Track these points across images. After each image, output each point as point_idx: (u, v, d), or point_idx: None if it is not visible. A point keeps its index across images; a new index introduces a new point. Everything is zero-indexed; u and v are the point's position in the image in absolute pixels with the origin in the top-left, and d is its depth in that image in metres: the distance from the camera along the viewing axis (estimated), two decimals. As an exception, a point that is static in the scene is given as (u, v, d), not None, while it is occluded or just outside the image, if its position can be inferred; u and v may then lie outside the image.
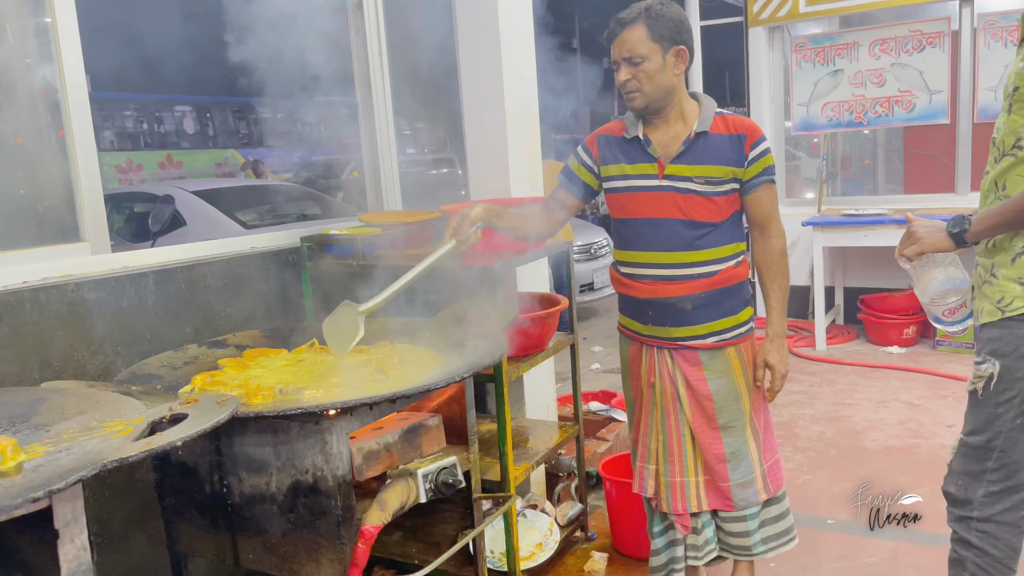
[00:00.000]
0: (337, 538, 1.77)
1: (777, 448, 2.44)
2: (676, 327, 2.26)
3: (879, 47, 5.88)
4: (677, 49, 2.14)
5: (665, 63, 2.14)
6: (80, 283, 2.25)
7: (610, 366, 6.03)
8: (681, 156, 2.19)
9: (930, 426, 4.14)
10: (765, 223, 2.27)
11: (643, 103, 2.17)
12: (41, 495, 1.12)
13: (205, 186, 7.57)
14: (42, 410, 1.57)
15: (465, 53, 3.23)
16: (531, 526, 2.95)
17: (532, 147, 3.32)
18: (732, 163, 2.19)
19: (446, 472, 1.90)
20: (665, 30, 2.12)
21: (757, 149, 2.19)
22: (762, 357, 2.30)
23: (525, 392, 3.31)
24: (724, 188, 2.20)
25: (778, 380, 2.29)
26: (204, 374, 1.96)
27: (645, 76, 2.13)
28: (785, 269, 2.31)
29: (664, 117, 2.22)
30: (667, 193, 2.21)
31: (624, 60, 2.15)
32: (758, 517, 2.36)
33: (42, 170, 2.57)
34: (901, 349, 5.54)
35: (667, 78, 2.15)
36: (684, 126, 2.21)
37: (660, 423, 2.34)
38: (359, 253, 2.73)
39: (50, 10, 2.47)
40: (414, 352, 2.19)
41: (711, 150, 2.18)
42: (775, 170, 2.26)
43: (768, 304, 2.31)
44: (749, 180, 2.21)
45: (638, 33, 2.12)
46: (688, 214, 2.20)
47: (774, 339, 2.29)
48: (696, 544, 2.36)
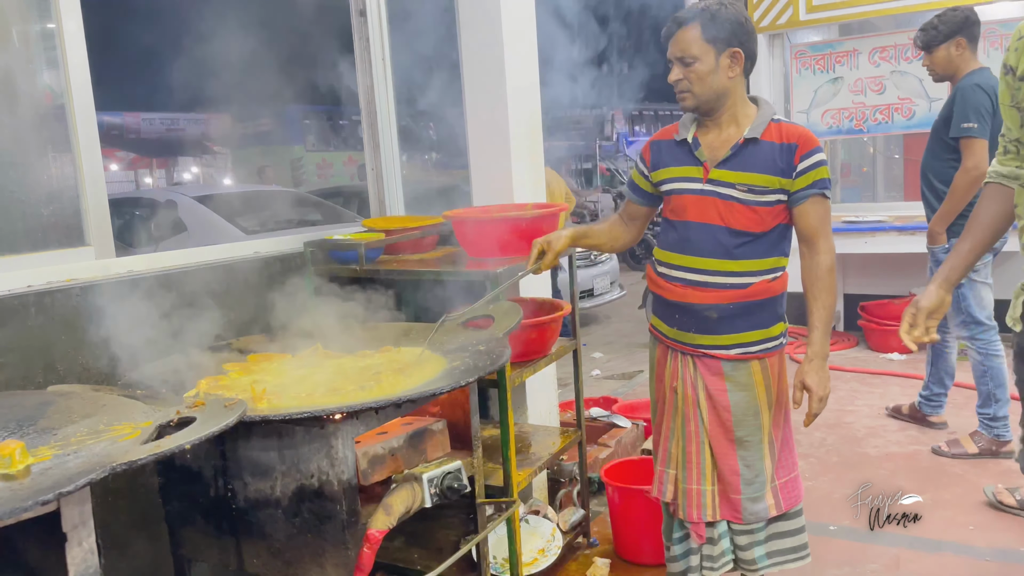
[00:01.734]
0: (342, 543, 1.77)
1: (796, 465, 2.38)
2: (700, 334, 2.23)
3: (879, 55, 5.90)
4: (732, 51, 2.11)
5: (718, 65, 2.11)
6: (85, 287, 2.25)
7: (610, 372, 6.03)
8: (727, 161, 2.16)
9: (932, 433, 4.14)
10: (812, 238, 2.19)
11: (693, 103, 2.15)
12: (51, 497, 1.13)
13: (206, 191, 7.58)
14: (49, 413, 1.58)
15: (468, 56, 3.24)
16: (533, 532, 2.95)
17: (535, 151, 3.32)
18: (779, 173, 2.13)
19: (451, 477, 1.90)
20: (721, 31, 2.09)
21: (808, 160, 2.13)
22: (799, 378, 2.20)
23: (527, 397, 3.31)
24: (769, 198, 2.15)
25: (815, 403, 2.17)
26: (209, 378, 1.96)
27: (696, 77, 2.11)
28: (832, 287, 2.21)
29: (717, 120, 2.19)
30: (709, 198, 2.17)
31: (677, 59, 2.13)
32: (765, 531, 2.33)
33: (47, 175, 2.58)
34: (902, 356, 5.54)
35: (719, 80, 2.12)
36: (736, 130, 2.17)
37: (680, 428, 2.32)
38: (363, 258, 2.74)
39: (56, 16, 2.48)
40: (418, 356, 2.19)
41: (758, 158, 2.14)
42: (829, 184, 2.18)
43: (810, 323, 2.21)
44: (797, 192, 2.14)
45: (692, 33, 2.10)
46: (728, 221, 2.16)
47: (813, 359, 2.18)
48: (712, 555, 2.34)
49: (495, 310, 2.43)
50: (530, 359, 2.75)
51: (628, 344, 6.87)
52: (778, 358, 2.28)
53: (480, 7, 3.17)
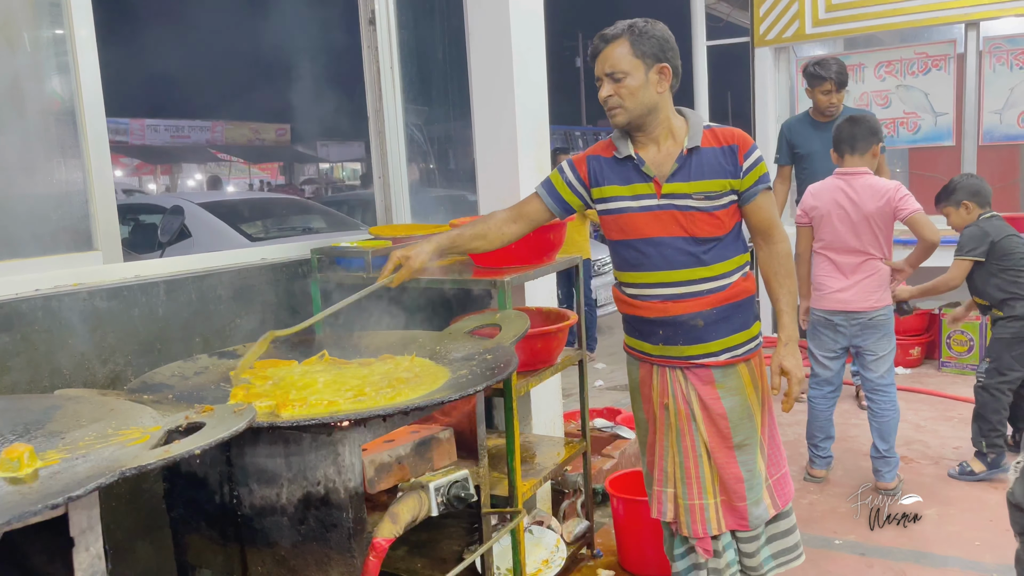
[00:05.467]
0: (348, 551, 1.76)
1: (784, 462, 2.43)
2: (688, 345, 2.24)
3: (884, 69, 5.91)
4: (660, 67, 2.14)
5: (648, 80, 2.13)
6: (92, 292, 2.25)
7: (614, 383, 6.02)
8: (676, 174, 2.18)
9: (936, 447, 4.13)
10: (767, 229, 2.26)
11: (625, 119, 2.16)
12: (60, 502, 1.12)
13: (212, 198, 7.60)
14: (56, 417, 1.57)
15: (476, 57, 3.24)
16: (537, 542, 2.94)
17: (542, 160, 3.32)
18: (728, 175, 2.18)
19: (458, 486, 1.89)
20: (648, 47, 2.12)
21: (751, 158, 2.19)
22: (776, 363, 2.27)
23: (532, 407, 3.30)
24: (723, 201, 2.19)
25: (795, 385, 2.26)
26: (241, 386, 1.95)
27: (627, 92, 2.13)
28: (792, 271, 2.29)
29: (651, 135, 2.20)
30: (667, 211, 2.19)
31: (607, 76, 2.15)
32: (766, 533, 2.35)
33: (56, 179, 2.58)
34: (906, 370, 5.52)
35: (650, 95, 2.14)
36: (675, 143, 2.20)
37: (676, 445, 2.31)
38: (369, 266, 2.74)
39: (67, 22, 2.49)
40: (424, 365, 2.19)
41: (705, 165, 2.17)
42: (770, 177, 2.26)
43: (778, 308, 2.29)
44: (747, 190, 2.20)
45: (620, 49, 2.12)
46: (691, 231, 2.18)
47: (787, 343, 2.27)
48: (718, 568, 2.33)
49: (502, 319, 2.43)
50: (536, 369, 2.74)
51: (631, 355, 6.85)
52: (758, 358, 2.33)
53: (489, 20, 3.17)
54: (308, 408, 1.78)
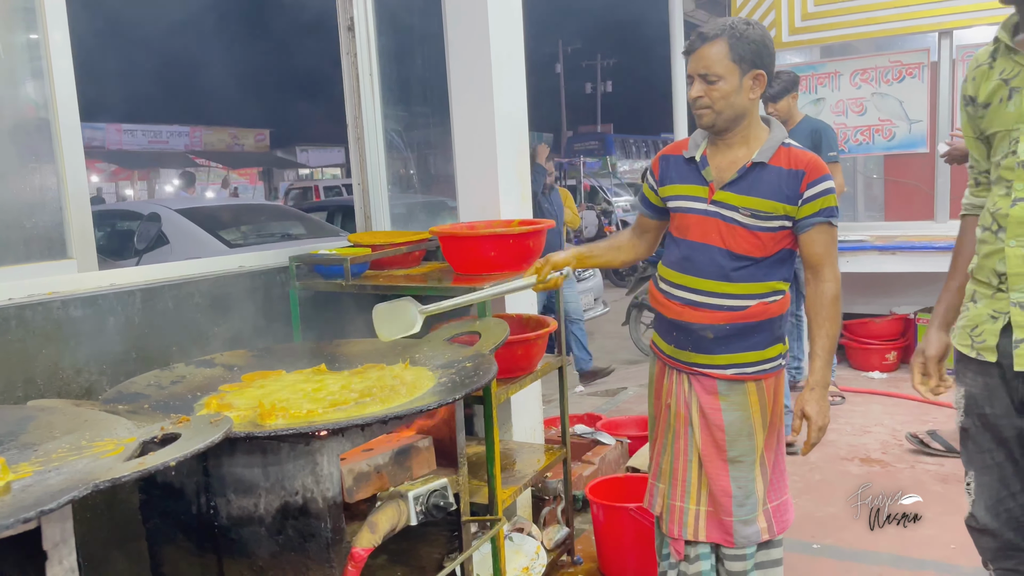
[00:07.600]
0: (327, 561, 1.75)
1: (787, 489, 2.36)
2: (696, 353, 2.22)
3: (860, 77, 5.98)
4: (756, 73, 2.08)
5: (741, 86, 2.07)
6: (66, 300, 2.23)
7: (594, 389, 6.03)
8: (733, 183, 2.13)
9: (912, 451, 4.17)
10: (817, 266, 2.15)
11: (711, 121, 2.11)
12: (32, 515, 1.10)
13: (189, 204, 7.54)
14: (30, 428, 1.55)
15: (455, 63, 3.24)
16: (518, 550, 2.93)
17: (522, 168, 3.33)
18: (784, 199, 2.10)
19: (437, 495, 1.88)
20: (747, 51, 2.05)
21: (815, 188, 2.09)
22: (799, 406, 2.18)
23: (512, 414, 3.30)
24: (772, 224, 2.12)
25: (815, 432, 2.15)
26: (213, 396, 1.94)
27: (719, 95, 2.07)
28: (836, 316, 2.16)
29: (729, 140, 2.15)
30: (712, 219, 2.15)
31: (699, 76, 2.08)
32: (754, 557, 2.30)
33: (30, 185, 2.55)
34: (883, 375, 5.58)
35: (741, 101, 2.08)
36: (746, 152, 2.14)
37: (671, 444, 2.32)
38: (348, 273, 2.72)
39: (41, 27, 2.46)
40: (417, 372, 2.18)
41: (764, 183, 2.11)
42: (837, 212, 2.15)
43: (813, 351, 2.18)
44: (802, 219, 2.11)
45: (718, 50, 2.05)
46: (728, 244, 2.14)
47: (815, 388, 2.15)
48: (687, 573, 2.33)
49: (482, 326, 2.42)
50: (516, 376, 2.74)
51: (611, 361, 6.87)
52: (775, 380, 2.26)
53: (468, 27, 3.18)
54: (288, 418, 1.77)
